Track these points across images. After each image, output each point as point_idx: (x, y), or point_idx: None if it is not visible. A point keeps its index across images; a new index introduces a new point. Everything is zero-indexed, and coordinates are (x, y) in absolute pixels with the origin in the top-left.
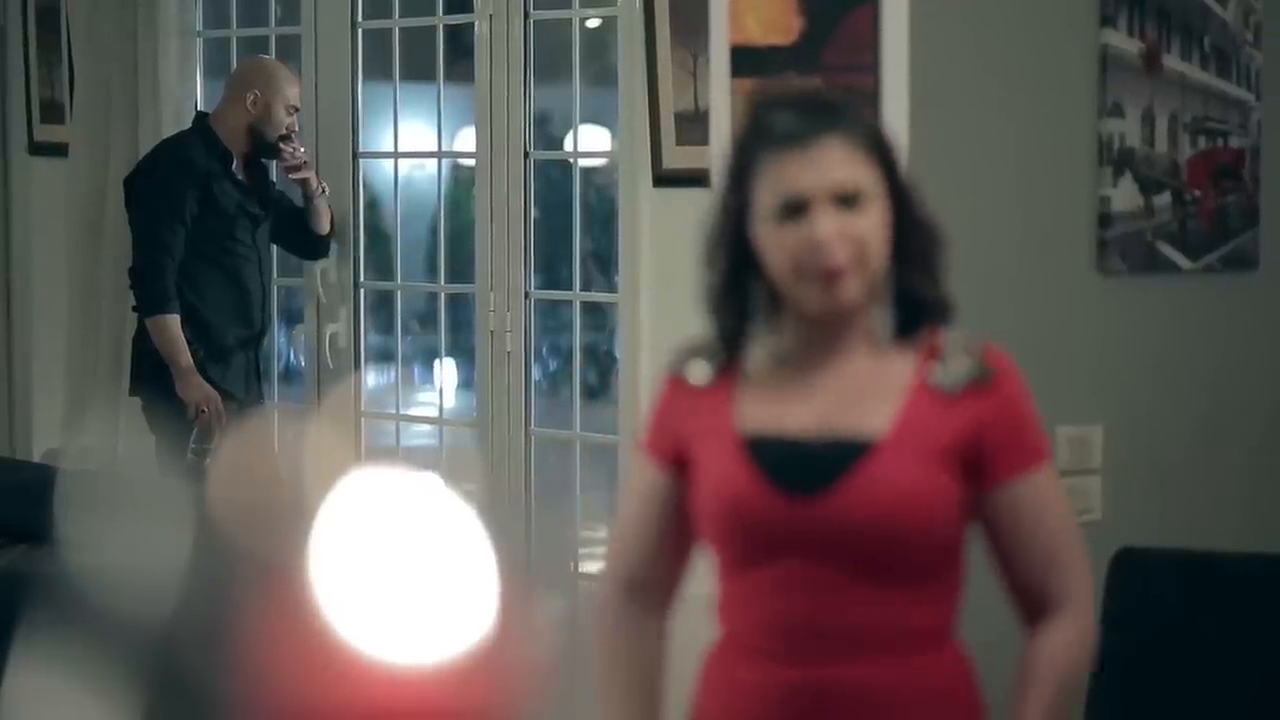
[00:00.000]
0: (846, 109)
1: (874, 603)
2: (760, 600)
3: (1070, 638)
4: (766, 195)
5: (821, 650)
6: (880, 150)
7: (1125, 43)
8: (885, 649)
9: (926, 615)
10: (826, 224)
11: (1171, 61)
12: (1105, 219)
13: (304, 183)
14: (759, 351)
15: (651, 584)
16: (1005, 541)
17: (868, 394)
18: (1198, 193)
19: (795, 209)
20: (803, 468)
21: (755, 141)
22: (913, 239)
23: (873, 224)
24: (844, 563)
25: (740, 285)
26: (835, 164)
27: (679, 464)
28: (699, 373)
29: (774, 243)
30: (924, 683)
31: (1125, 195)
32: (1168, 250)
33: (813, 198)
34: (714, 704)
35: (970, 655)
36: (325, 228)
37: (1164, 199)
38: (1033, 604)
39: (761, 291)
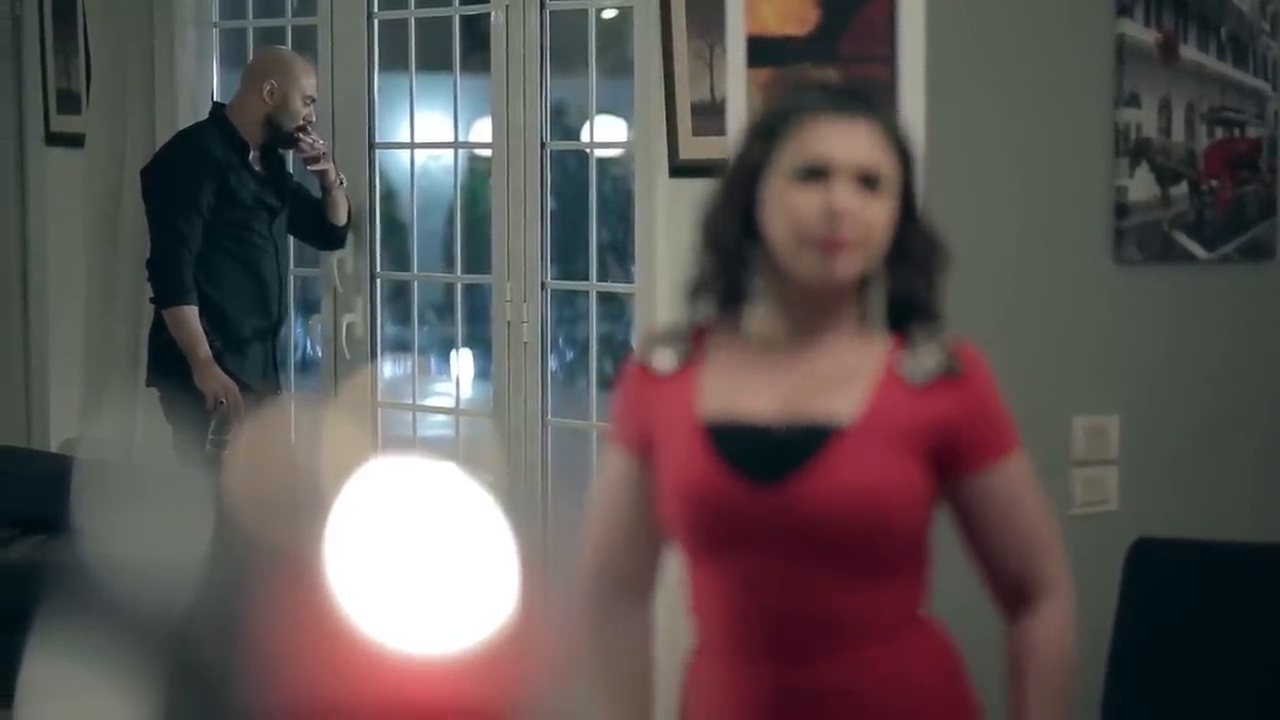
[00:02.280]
0: (882, 103)
1: (842, 592)
2: (728, 592)
3: (1059, 623)
4: (792, 153)
5: (793, 642)
6: (903, 150)
7: (1142, 33)
8: (854, 639)
9: (895, 603)
10: (846, 196)
11: (1188, 51)
12: (1122, 209)
13: (322, 174)
14: (737, 326)
15: (631, 575)
16: (983, 530)
17: (834, 381)
18: (1214, 183)
19: (817, 173)
20: (766, 455)
21: (793, 105)
22: (914, 242)
23: (883, 212)
24: (810, 551)
25: (738, 252)
26: (868, 143)
27: (645, 452)
28: (664, 360)
29: (786, 201)
30: (896, 671)
31: (1142, 185)
32: (1184, 240)
33: (839, 167)
34: (696, 707)
35: (947, 636)
36: (343, 219)
37: (1180, 189)
38: (1013, 591)
39: (756, 260)
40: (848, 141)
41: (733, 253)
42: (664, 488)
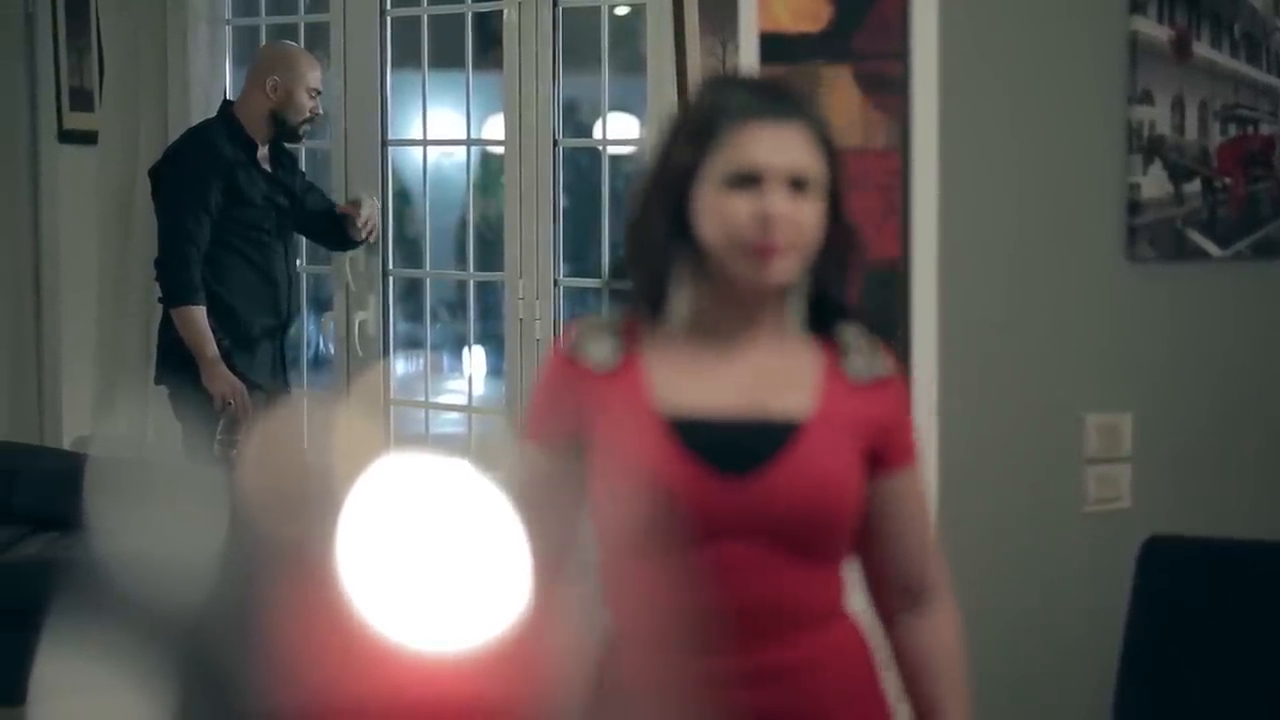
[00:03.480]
0: (809, 101)
1: (800, 580)
2: (684, 585)
3: (954, 622)
4: (724, 160)
5: (752, 631)
6: (829, 149)
7: (1155, 30)
8: (809, 625)
9: (835, 590)
10: (779, 201)
11: (1201, 49)
12: (1135, 206)
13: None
14: (667, 325)
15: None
16: (887, 529)
17: (783, 378)
18: (1227, 180)
19: (749, 180)
20: (734, 449)
21: (722, 108)
22: (838, 240)
23: (814, 213)
24: (775, 542)
25: (668, 255)
26: (797, 148)
27: (577, 447)
28: (600, 353)
29: (719, 209)
30: (839, 652)
31: (1155, 182)
32: (1197, 238)
33: (771, 173)
34: (628, 701)
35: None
36: (361, 237)
37: (1193, 186)
38: (902, 591)
39: (686, 258)
40: (778, 147)
41: (663, 255)
42: (615, 483)
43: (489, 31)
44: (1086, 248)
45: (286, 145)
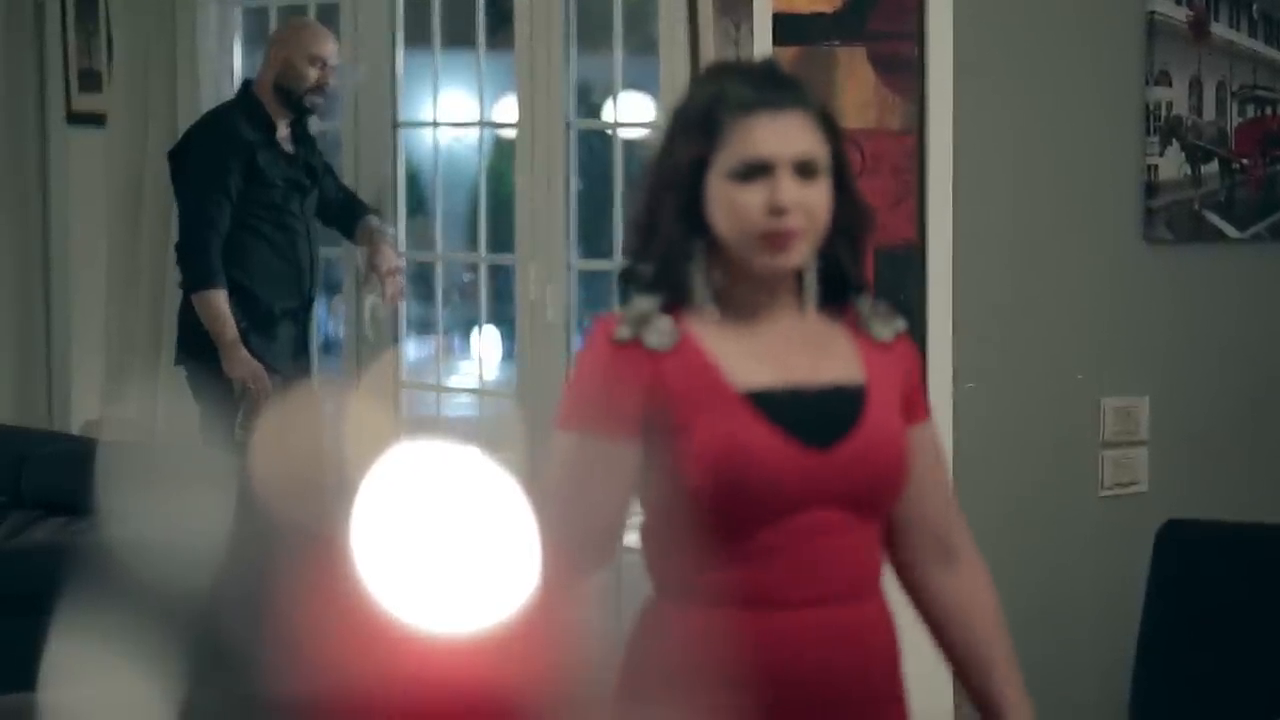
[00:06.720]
0: (806, 85)
1: (870, 546)
2: (766, 554)
3: (986, 571)
4: (730, 153)
5: (832, 595)
6: (831, 130)
7: (1173, 10)
8: (875, 588)
9: (881, 550)
10: (789, 189)
11: (1219, 29)
12: (1152, 188)
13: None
14: (703, 309)
15: (595, 563)
16: (920, 479)
17: (824, 346)
18: (1246, 161)
19: (757, 170)
20: (816, 421)
21: (721, 101)
22: (848, 217)
23: (823, 196)
24: (850, 507)
25: (685, 241)
26: (801, 134)
27: (649, 432)
28: (661, 335)
29: (730, 200)
30: (889, 613)
31: (1172, 164)
32: (1215, 219)
33: (778, 162)
34: (682, 659)
35: None
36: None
37: (1211, 168)
38: (936, 542)
39: (703, 247)
40: (783, 136)
41: (680, 248)
42: (708, 462)
43: (501, 11)
44: (1103, 229)
45: (303, 120)
